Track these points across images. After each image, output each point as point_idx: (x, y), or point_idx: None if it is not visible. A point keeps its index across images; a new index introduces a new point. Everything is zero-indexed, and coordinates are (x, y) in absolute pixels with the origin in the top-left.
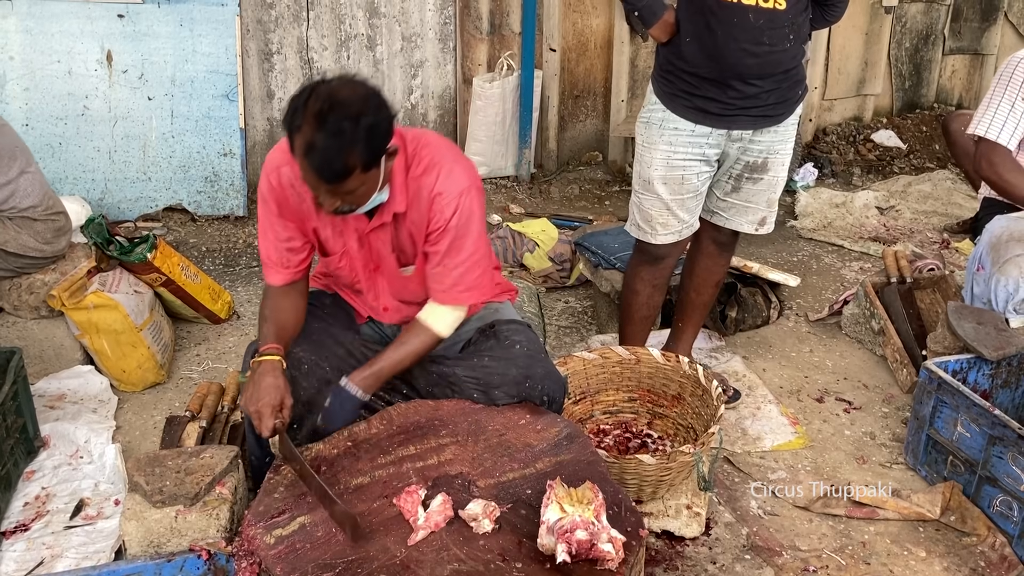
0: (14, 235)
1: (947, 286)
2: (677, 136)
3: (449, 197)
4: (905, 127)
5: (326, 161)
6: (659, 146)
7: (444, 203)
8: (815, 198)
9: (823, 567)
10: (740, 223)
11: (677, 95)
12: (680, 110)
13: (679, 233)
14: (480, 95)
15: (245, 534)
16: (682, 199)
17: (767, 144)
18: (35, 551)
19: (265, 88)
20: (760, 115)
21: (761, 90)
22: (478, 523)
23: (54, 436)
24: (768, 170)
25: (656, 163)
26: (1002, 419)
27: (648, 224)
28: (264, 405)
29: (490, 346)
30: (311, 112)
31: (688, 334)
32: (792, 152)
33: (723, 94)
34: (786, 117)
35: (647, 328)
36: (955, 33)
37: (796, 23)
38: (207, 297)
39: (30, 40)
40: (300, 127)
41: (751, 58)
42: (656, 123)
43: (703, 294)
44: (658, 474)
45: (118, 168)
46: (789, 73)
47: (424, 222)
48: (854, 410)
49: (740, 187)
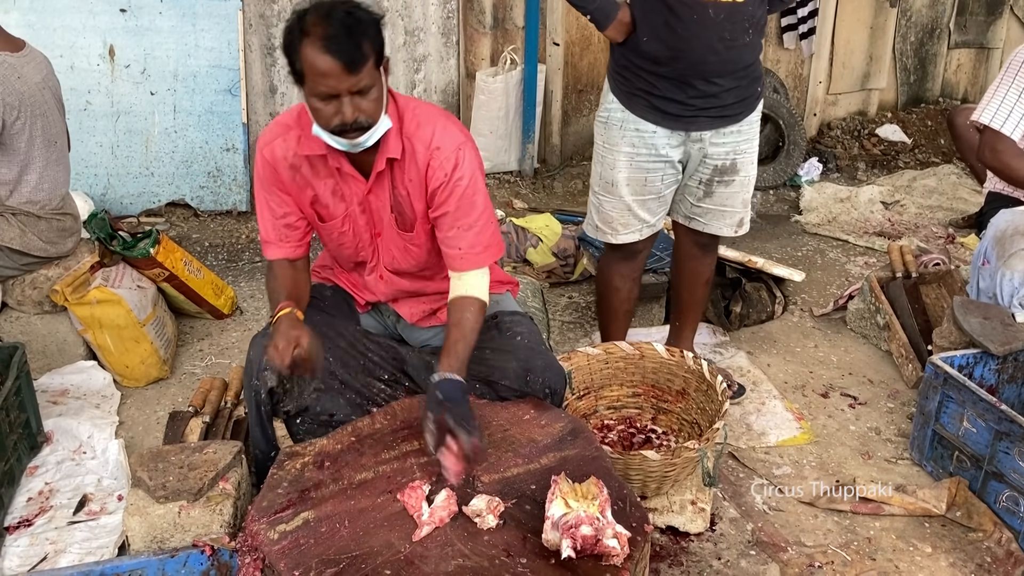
0: (18, 233)
1: (952, 281)
2: (640, 138)
3: (447, 151)
4: (910, 121)
5: (344, 47)
6: (622, 148)
7: (443, 156)
8: (820, 193)
9: (828, 563)
10: (719, 227)
11: (636, 94)
12: (640, 110)
13: (640, 232)
14: (483, 90)
15: (249, 529)
16: (644, 200)
17: (732, 145)
18: (38, 546)
19: (268, 83)
20: (719, 115)
21: (722, 89)
22: (482, 519)
23: (57, 431)
24: (738, 171)
25: (619, 165)
26: (1008, 414)
27: (608, 225)
28: (280, 339)
29: (491, 337)
30: (316, 16)
31: (687, 331)
32: (757, 149)
33: (683, 93)
34: (746, 116)
35: (628, 322)
36: (960, 27)
37: (755, 16)
38: (210, 292)
39: (32, 35)
40: (307, 31)
41: (713, 55)
42: (616, 124)
43: (695, 293)
44: (662, 470)
45: (120, 163)
46: (749, 69)
47: (421, 180)
48: (859, 405)
49: (713, 191)
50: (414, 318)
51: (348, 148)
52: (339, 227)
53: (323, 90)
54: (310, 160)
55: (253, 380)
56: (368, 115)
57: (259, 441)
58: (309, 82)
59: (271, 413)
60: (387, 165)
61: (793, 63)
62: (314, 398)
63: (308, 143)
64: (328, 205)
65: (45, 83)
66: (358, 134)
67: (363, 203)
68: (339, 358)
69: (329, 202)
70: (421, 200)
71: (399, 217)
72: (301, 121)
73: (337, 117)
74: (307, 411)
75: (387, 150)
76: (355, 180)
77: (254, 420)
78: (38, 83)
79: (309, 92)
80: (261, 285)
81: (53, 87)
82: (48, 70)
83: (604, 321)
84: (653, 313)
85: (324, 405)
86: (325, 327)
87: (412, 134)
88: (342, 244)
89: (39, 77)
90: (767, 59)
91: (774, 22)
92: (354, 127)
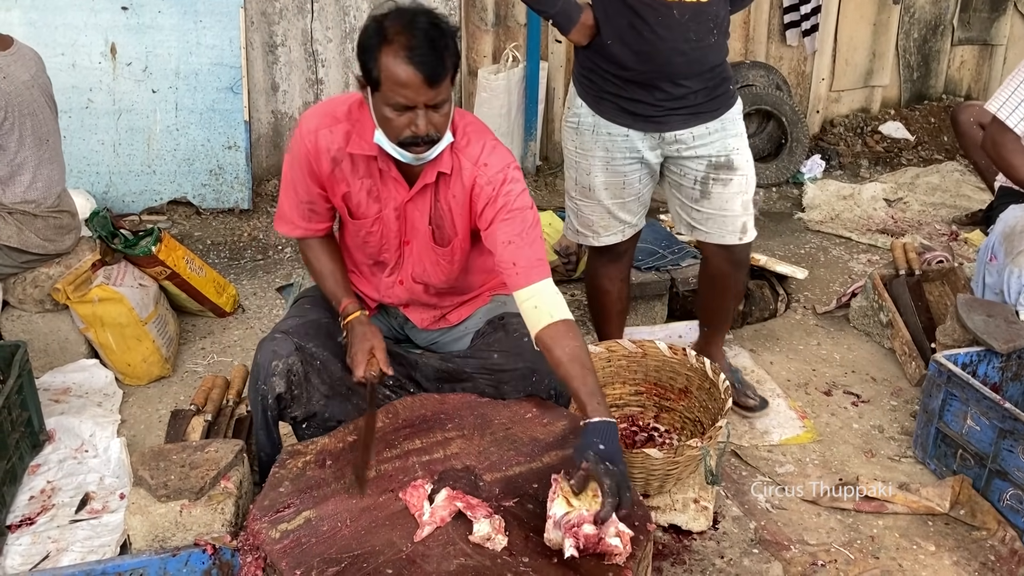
0: (16, 231)
1: (956, 278)
2: (612, 141)
3: (495, 168)
4: (913, 118)
5: (428, 60)
6: (596, 152)
7: (491, 173)
8: (822, 190)
9: (831, 561)
10: (721, 234)
11: (604, 97)
12: (609, 113)
13: (622, 233)
14: (485, 87)
15: (250, 528)
16: (623, 202)
17: (720, 141)
18: (40, 545)
19: (270, 80)
20: (691, 114)
21: (689, 90)
22: (492, 541)
23: (59, 430)
24: (735, 168)
25: (595, 170)
26: (1012, 412)
27: (589, 228)
28: (354, 354)
29: (499, 338)
30: (399, 23)
31: (720, 338)
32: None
33: (651, 96)
34: (723, 112)
35: (623, 321)
36: (964, 23)
37: (719, 16)
38: (212, 290)
39: (34, 32)
40: (389, 39)
41: (679, 56)
42: (588, 128)
43: (725, 307)
44: (665, 468)
45: (122, 161)
46: (716, 70)
47: (466, 197)
48: (862, 403)
49: (710, 192)
50: (424, 323)
51: (411, 162)
52: (368, 227)
53: (400, 101)
54: (353, 158)
55: (260, 385)
56: (438, 129)
57: (264, 444)
58: (385, 91)
59: (277, 417)
60: (435, 178)
61: (796, 60)
62: (322, 404)
63: (359, 143)
64: (360, 204)
65: (34, 81)
66: (425, 148)
67: (400, 210)
68: (346, 364)
69: (362, 201)
70: (463, 217)
71: (436, 231)
72: (351, 117)
73: (409, 129)
74: (314, 416)
75: (439, 163)
76: (398, 186)
77: (260, 424)
78: (26, 81)
79: (383, 101)
80: (263, 283)
81: (43, 85)
82: (38, 67)
83: (599, 324)
84: (655, 311)
85: (332, 411)
86: (336, 329)
87: (461, 150)
88: (367, 243)
89: (27, 75)
90: (769, 56)
91: (776, 19)
92: (424, 140)
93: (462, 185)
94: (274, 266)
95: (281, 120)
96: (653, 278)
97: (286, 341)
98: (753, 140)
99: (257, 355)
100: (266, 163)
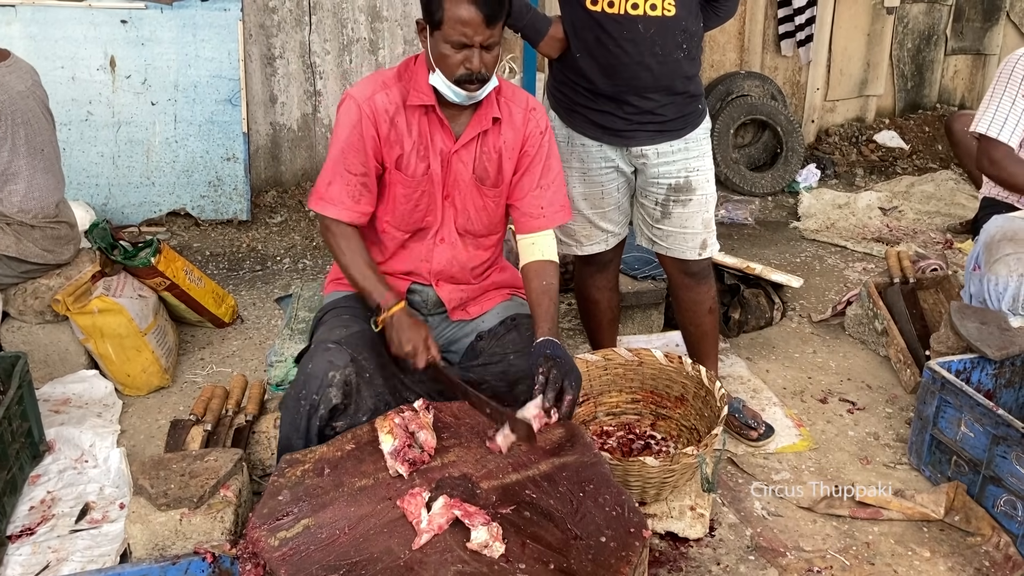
0: (14, 240)
1: (950, 286)
2: (587, 152)
3: (541, 113)
4: (908, 127)
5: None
6: (572, 163)
7: (539, 117)
8: (818, 199)
9: (827, 568)
10: (682, 249)
11: (575, 110)
12: (580, 126)
13: (606, 242)
14: None
15: (249, 536)
16: (603, 212)
17: (682, 162)
18: (41, 555)
19: (268, 92)
20: (658, 131)
21: (658, 104)
22: (490, 549)
23: (59, 440)
24: (694, 189)
25: (573, 181)
26: (1006, 419)
27: (571, 238)
28: (413, 342)
29: (513, 339)
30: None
31: (710, 362)
32: (713, 168)
33: (619, 109)
34: (688, 131)
35: (615, 329)
36: (957, 33)
37: (689, 31)
38: (211, 301)
39: (34, 46)
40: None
41: (645, 71)
42: (563, 140)
43: (701, 325)
44: (662, 476)
45: (122, 173)
46: (686, 84)
47: (518, 140)
48: (858, 411)
49: (670, 212)
50: (452, 303)
51: (463, 100)
52: (419, 186)
53: (459, 39)
54: (407, 113)
55: (312, 395)
56: (488, 69)
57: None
58: (446, 28)
59: (321, 428)
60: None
61: (791, 70)
62: (366, 417)
63: (416, 95)
64: (410, 164)
65: (30, 92)
66: (477, 87)
67: (446, 161)
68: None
69: (411, 161)
70: (512, 160)
71: (481, 178)
72: (401, 79)
73: (464, 66)
74: (351, 428)
75: (491, 110)
76: (445, 138)
77: (300, 432)
78: (21, 92)
79: (443, 38)
80: (262, 293)
81: (40, 97)
82: (34, 80)
83: (591, 333)
84: (652, 320)
85: None
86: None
87: (509, 98)
88: (417, 206)
89: (23, 86)
90: (765, 66)
91: (771, 29)
92: (477, 78)
93: (514, 130)
94: (272, 277)
95: (279, 132)
96: (649, 287)
97: (341, 352)
98: (748, 150)
99: (309, 365)
100: (264, 174)
